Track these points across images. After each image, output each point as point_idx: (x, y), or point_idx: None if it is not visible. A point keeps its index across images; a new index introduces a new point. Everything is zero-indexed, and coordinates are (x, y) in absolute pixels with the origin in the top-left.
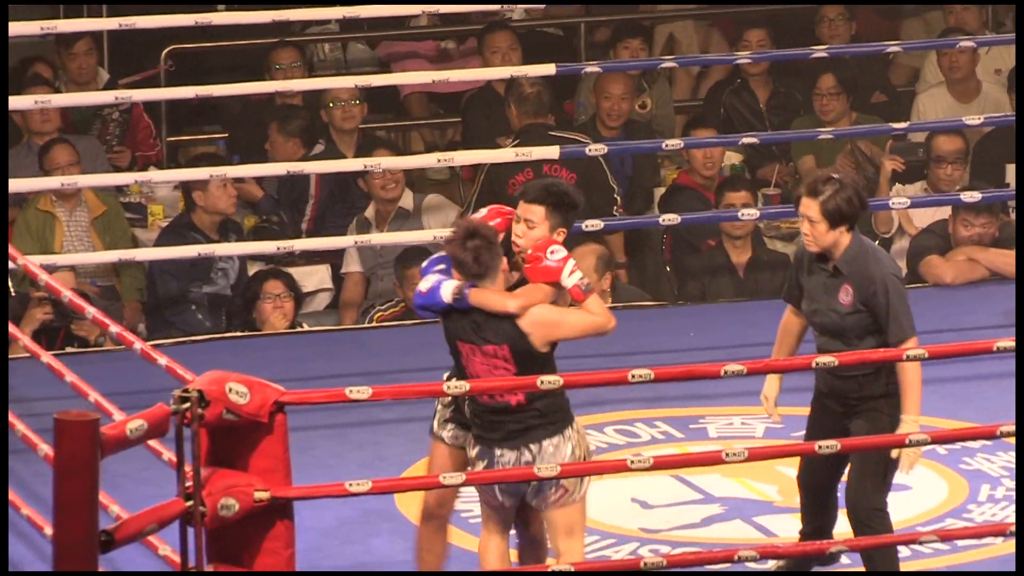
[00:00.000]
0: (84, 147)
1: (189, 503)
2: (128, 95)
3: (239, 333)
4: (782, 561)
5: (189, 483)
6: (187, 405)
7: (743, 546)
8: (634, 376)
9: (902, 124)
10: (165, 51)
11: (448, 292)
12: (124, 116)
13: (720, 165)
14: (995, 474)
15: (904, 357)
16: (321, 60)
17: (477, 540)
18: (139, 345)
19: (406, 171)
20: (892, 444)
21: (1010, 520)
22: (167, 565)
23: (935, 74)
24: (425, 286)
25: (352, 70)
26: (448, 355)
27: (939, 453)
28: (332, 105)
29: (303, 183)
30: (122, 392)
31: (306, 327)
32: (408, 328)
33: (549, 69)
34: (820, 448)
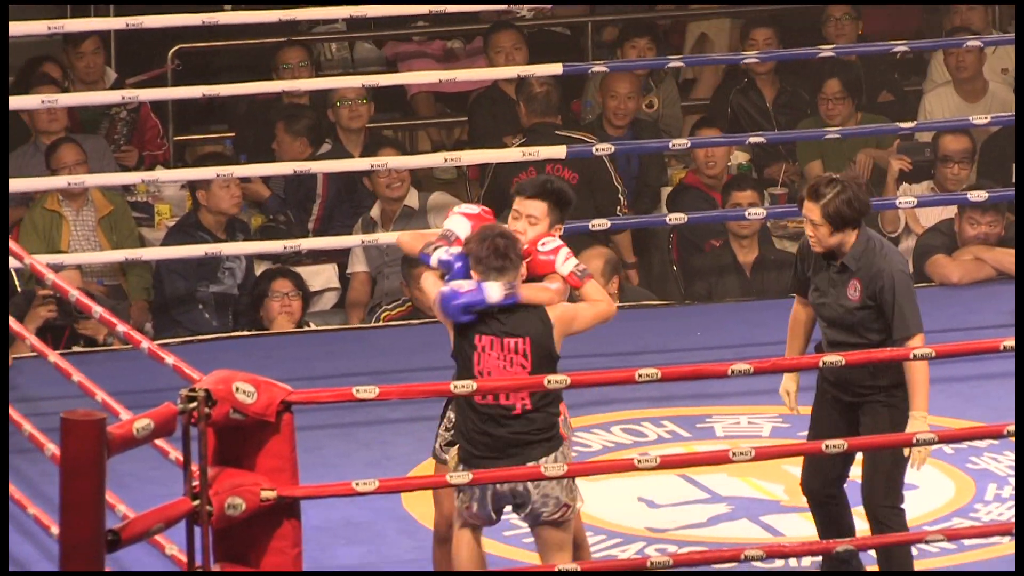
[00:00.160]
0: (91, 146)
1: (196, 502)
2: (135, 94)
3: (246, 332)
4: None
5: (196, 482)
6: (194, 404)
7: (750, 545)
8: (641, 375)
9: (909, 124)
10: (172, 50)
11: (497, 290)
12: (131, 115)
13: (725, 164)
14: (1002, 473)
15: (911, 356)
16: (328, 59)
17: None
18: (146, 344)
19: (413, 170)
20: (900, 443)
21: (1015, 519)
22: (174, 564)
23: (942, 73)
24: (467, 286)
25: (359, 69)
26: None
27: (946, 452)
28: (339, 104)
29: (310, 182)
30: (129, 391)
31: (313, 326)
32: (415, 327)
33: (556, 69)
34: (827, 447)
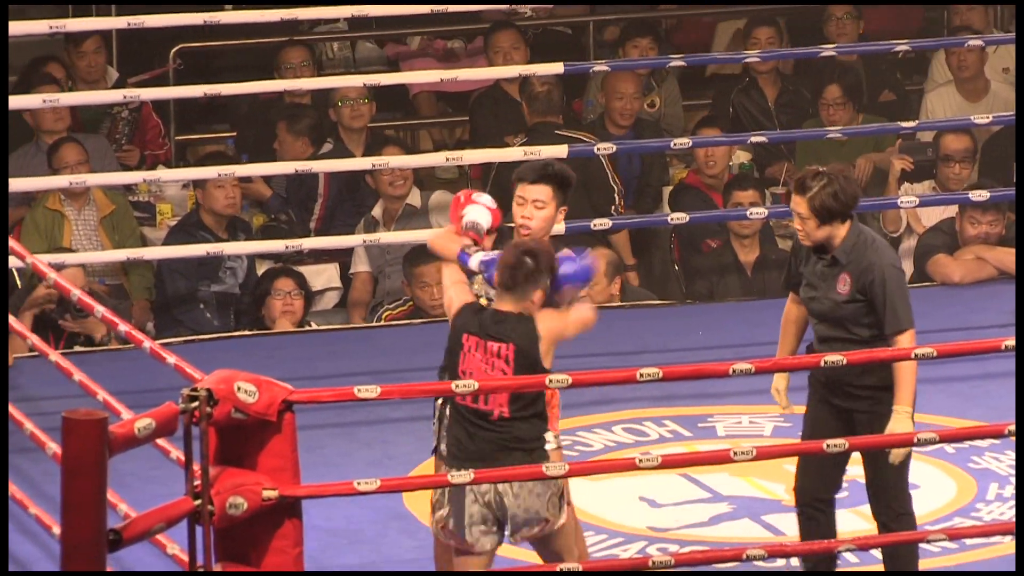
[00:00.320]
0: (93, 146)
1: (197, 502)
2: (137, 94)
3: (247, 332)
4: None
5: (197, 482)
6: (195, 404)
7: (751, 545)
8: (642, 375)
9: (910, 123)
10: (174, 50)
11: (477, 259)
12: (133, 115)
13: (725, 164)
14: (1003, 473)
15: (912, 356)
16: (330, 59)
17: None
18: (148, 344)
19: (415, 170)
20: (901, 443)
21: (1015, 519)
22: (175, 564)
23: (943, 73)
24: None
25: (360, 69)
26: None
27: (947, 452)
28: (340, 104)
29: (311, 182)
30: (130, 391)
31: (314, 326)
32: (416, 327)
33: (557, 68)
34: (828, 447)
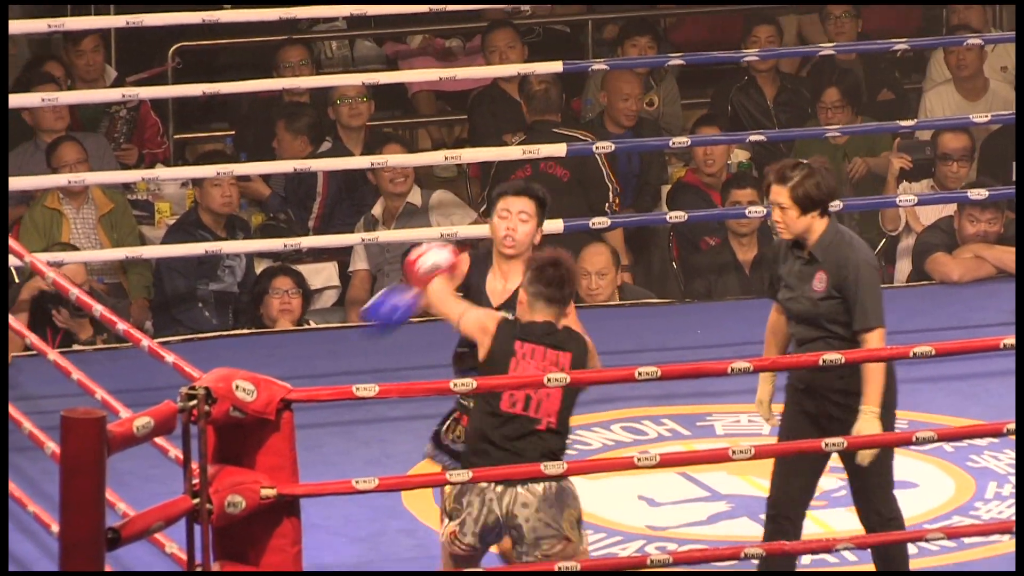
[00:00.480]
0: (91, 145)
1: (196, 500)
2: (135, 92)
3: (246, 331)
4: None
5: (196, 480)
6: (194, 403)
7: (750, 543)
8: (641, 374)
9: (909, 122)
10: (172, 49)
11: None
12: (131, 114)
13: (724, 163)
14: (1002, 471)
15: (911, 355)
16: (328, 58)
17: None
18: (146, 342)
19: (413, 168)
20: (899, 442)
21: (1015, 518)
22: (174, 562)
23: (941, 72)
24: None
25: (359, 67)
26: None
27: (946, 451)
28: (339, 102)
29: (310, 181)
30: (129, 389)
31: (313, 324)
32: (415, 326)
33: (556, 66)
34: (827, 446)
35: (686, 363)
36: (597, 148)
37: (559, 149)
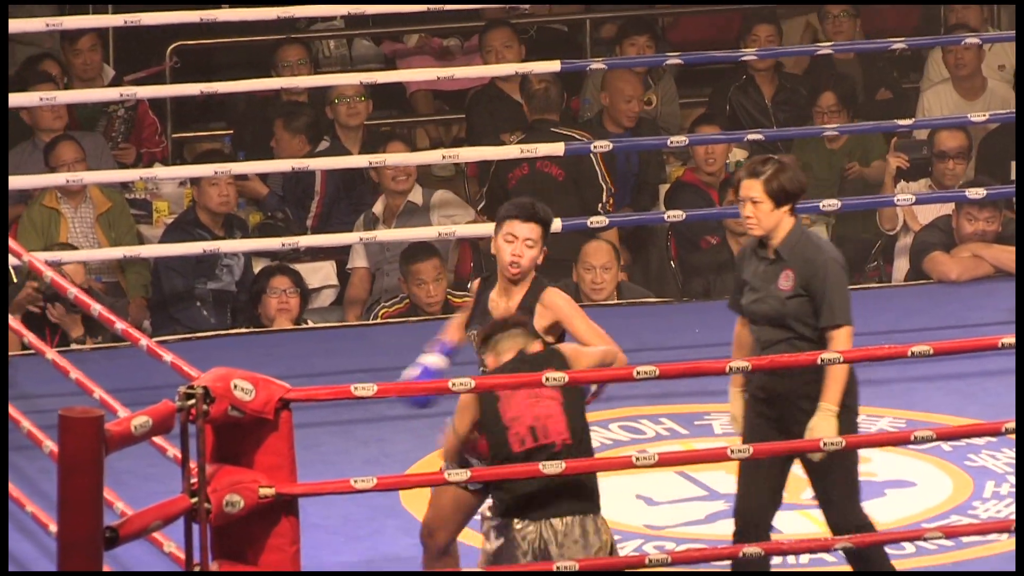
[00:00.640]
0: (89, 144)
1: (194, 500)
2: (133, 92)
3: (244, 330)
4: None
5: (194, 480)
6: (192, 402)
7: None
8: (639, 373)
9: (907, 121)
10: (170, 48)
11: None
12: (129, 113)
13: (724, 162)
14: (1000, 471)
15: (909, 354)
16: (326, 57)
17: None
18: (144, 341)
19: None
20: (897, 441)
21: (1015, 517)
22: (172, 562)
23: (938, 71)
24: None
25: (357, 67)
26: None
27: (944, 450)
28: (337, 102)
29: (308, 180)
30: (127, 388)
31: (311, 323)
32: (413, 325)
33: (554, 66)
34: (825, 444)
35: (684, 362)
36: (595, 148)
37: (557, 148)
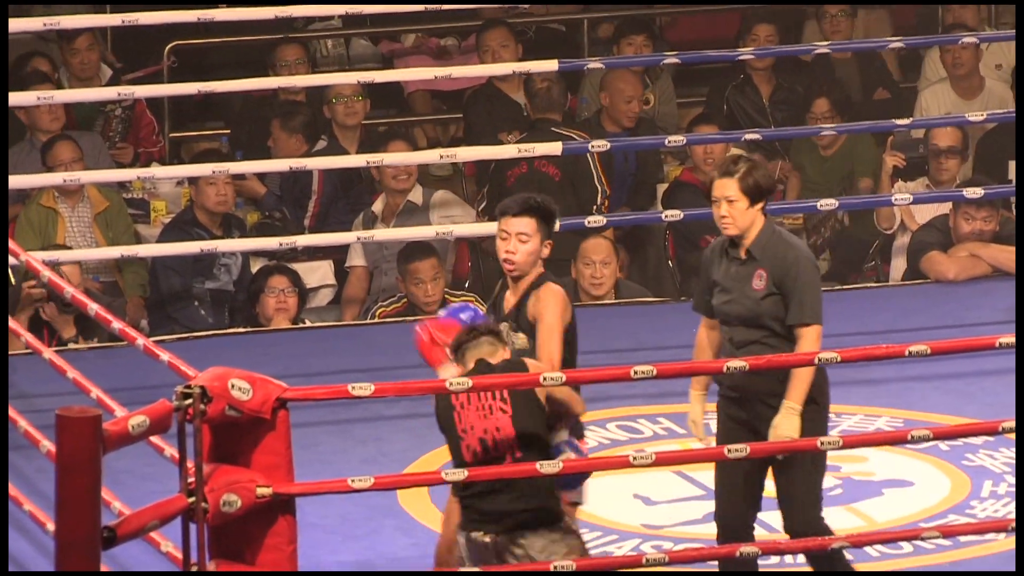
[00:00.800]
0: (87, 143)
1: (191, 499)
2: (131, 91)
3: (242, 329)
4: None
5: (191, 479)
6: (189, 401)
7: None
8: (636, 372)
9: (905, 120)
10: (168, 47)
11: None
12: (126, 113)
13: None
14: (997, 470)
15: (906, 353)
16: (324, 56)
17: None
18: (141, 341)
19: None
20: (894, 441)
21: (1013, 516)
22: (170, 561)
23: (935, 71)
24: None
25: (355, 66)
26: None
27: (941, 449)
28: (335, 101)
29: (306, 179)
30: (124, 388)
31: (308, 323)
32: (410, 324)
33: (551, 65)
34: (822, 444)
35: (682, 362)
36: (593, 147)
37: (555, 148)
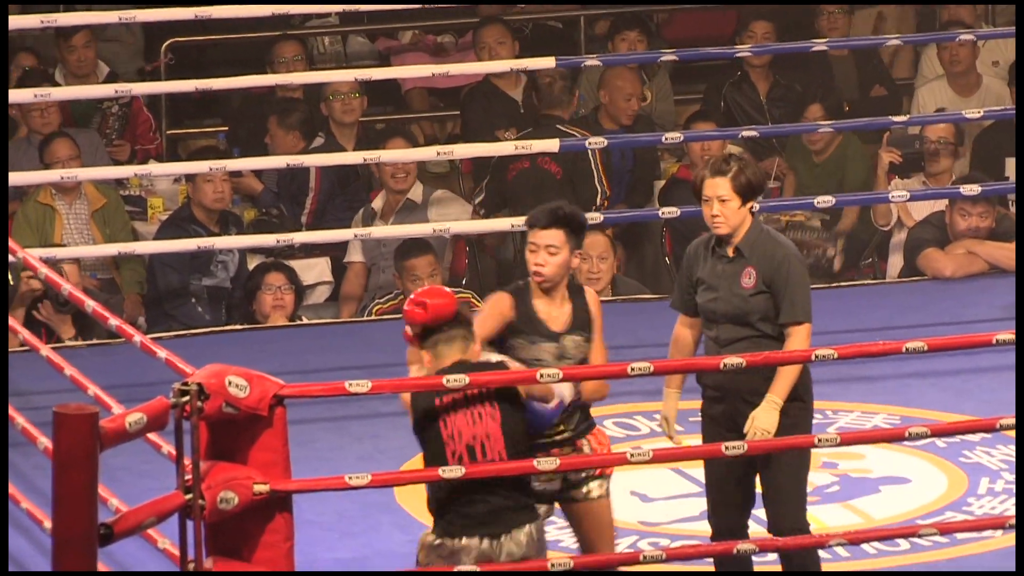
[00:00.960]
0: (84, 141)
1: (188, 496)
2: (128, 88)
3: (239, 326)
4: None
5: (188, 476)
6: (186, 398)
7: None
8: (633, 369)
9: (902, 117)
10: (165, 44)
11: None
12: (123, 110)
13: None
14: (994, 467)
15: (903, 350)
16: (321, 53)
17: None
18: (139, 338)
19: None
20: (889, 438)
21: (1010, 513)
22: (167, 558)
23: (932, 68)
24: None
25: (352, 63)
26: None
27: (938, 446)
28: (332, 98)
29: (303, 176)
30: (121, 385)
31: (305, 320)
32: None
33: (549, 62)
34: (819, 441)
35: (679, 359)
36: (590, 143)
37: (552, 145)
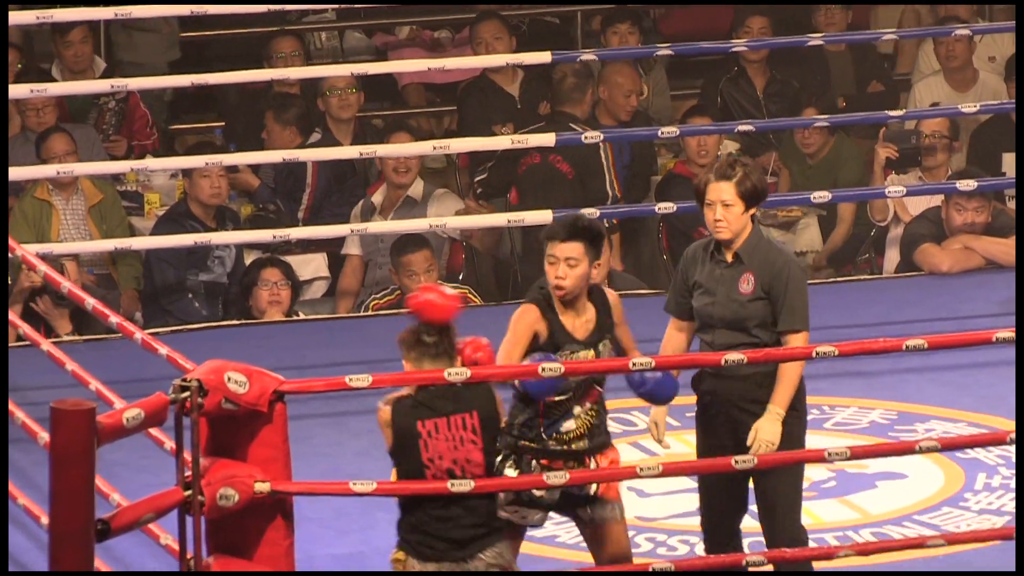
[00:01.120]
0: (81, 136)
1: (188, 492)
2: (124, 83)
3: (236, 322)
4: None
5: (188, 472)
6: (186, 394)
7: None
8: (634, 364)
9: (898, 112)
10: None
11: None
12: (120, 105)
13: (716, 154)
14: (991, 463)
15: (903, 348)
16: (318, 49)
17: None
18: (139, 334)
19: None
20: (903, 451)
21: (1007, 509)
22: (167, 554)
23: (929, 64)
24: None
25: (349, 58)
26: None
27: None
28: (329, 93)
29: (300, 172)
30: (120, 381)
31: (302, 315)
32: (405, 316)
33: (545, 57)
34: (829, 456)
35: (678, 354)
36: (586, 139)
37: (548, 139)
